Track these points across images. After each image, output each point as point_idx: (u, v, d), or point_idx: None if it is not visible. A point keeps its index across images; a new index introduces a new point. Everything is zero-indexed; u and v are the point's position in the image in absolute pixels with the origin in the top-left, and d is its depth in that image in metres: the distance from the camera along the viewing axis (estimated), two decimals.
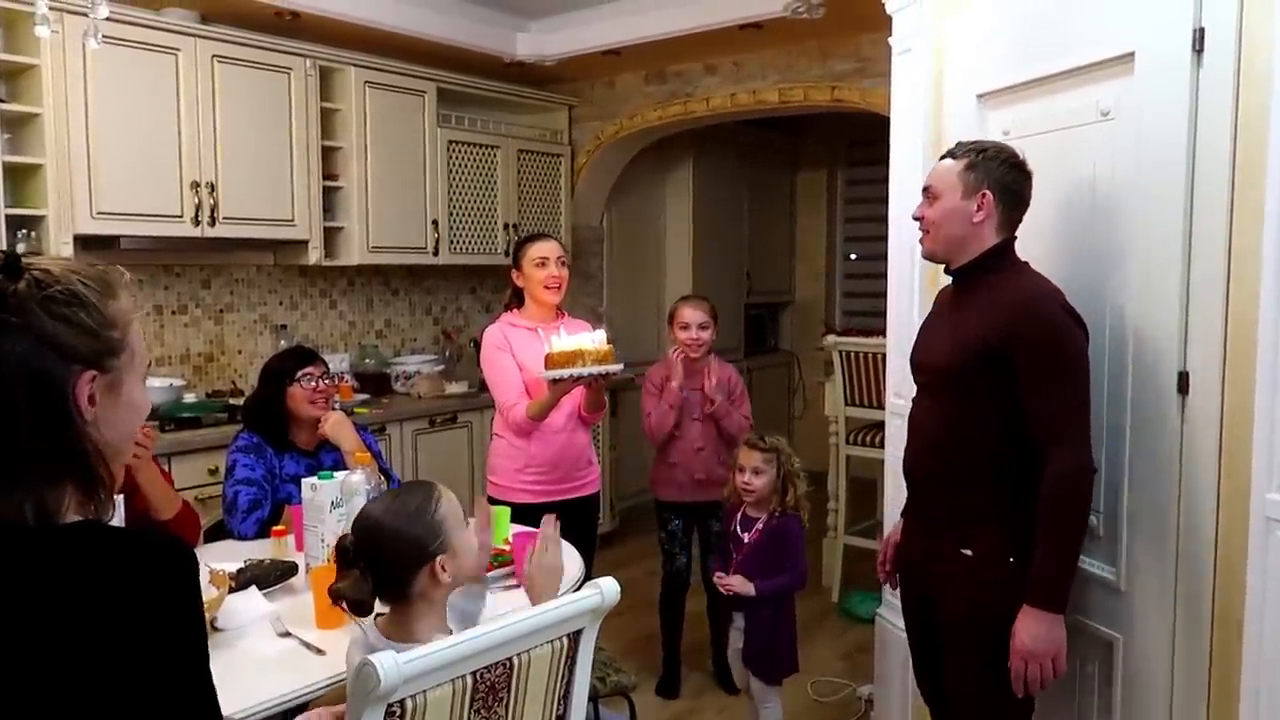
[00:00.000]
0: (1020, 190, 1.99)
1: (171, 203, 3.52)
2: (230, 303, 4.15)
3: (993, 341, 1.90)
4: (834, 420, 4.35)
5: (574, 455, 3.00)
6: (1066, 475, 1.84)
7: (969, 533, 1.94)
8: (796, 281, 6.96)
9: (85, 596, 0.94)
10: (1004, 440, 1.93)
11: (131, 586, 0.96)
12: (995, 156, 1.98)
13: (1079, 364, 1.89)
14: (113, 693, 0.94)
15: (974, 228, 1.97)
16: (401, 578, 1.47)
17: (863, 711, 3.21)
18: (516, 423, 2.91)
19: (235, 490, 2.57)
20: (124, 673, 0.94)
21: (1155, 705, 1.98)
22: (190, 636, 0.98)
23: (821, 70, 4.30)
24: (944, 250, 2.03)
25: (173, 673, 0.97)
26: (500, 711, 1.37)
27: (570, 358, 2.69)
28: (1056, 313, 1.89)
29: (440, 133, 4.47)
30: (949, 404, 2.02)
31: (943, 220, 2.00)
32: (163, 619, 0.96)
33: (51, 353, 0.97)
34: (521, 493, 2.94)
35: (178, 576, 0.98)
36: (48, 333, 0.96)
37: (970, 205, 1.97)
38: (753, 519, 2.79)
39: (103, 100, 3.31)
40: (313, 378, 2.68)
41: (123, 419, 1.05)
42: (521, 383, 2.91)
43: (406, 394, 4.42)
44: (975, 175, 1.97)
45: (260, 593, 2.01)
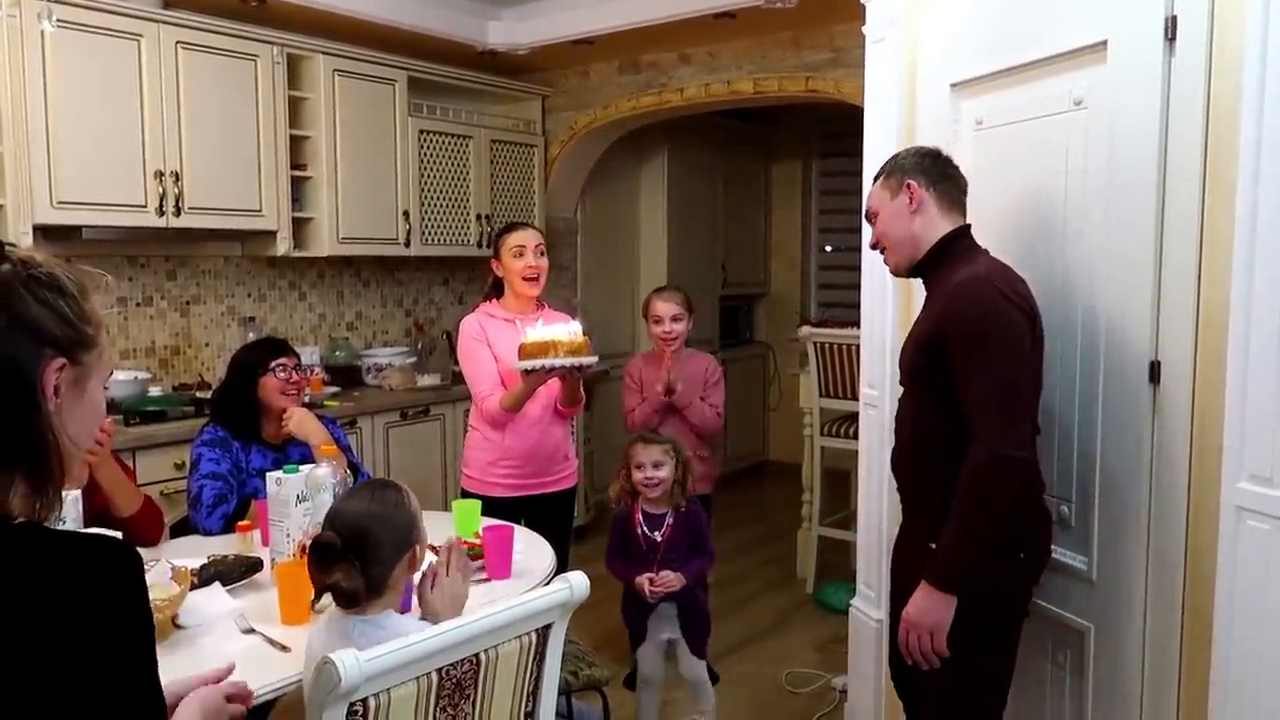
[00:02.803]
0: (942, 169, 2.02)
1: (135, 192, 3.44)
2: (197, 294, 4.08)
3: (932, 333, 1.91)
4: (808, 412, 4.34)
5: (549, 449, 2.96)
6: (979, 464, 1.80)
7: (935, 527, 1.93)
8: (772, 273, 6.95)
9: (25, 601, 0.91)
10: (950, 433, 1.89)
11: (73, 591, 0.93)
12: (906, 154, 2.07)
13: (1007, 347, 1.82)
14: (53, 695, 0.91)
15: (913, 219, 1.99)
16: (386, 567, 1.57)
17: (837, 702, 3.21)
18: (490, 414, 2.88)
19: (200, 485, 2.53)
20: (64, 676, 0.91)
21: (1126, 694, 1.99)
22: (132, 639, 0.96)
23: (795, 60, 4.29)
24: (905, 260, 2.05)
25: (115, 675, 0.94)
26: (467, 709, 1.35)
27: (543, 348, 2.65)
28: (985, 295, 1.84)
29: (411, 122, 4.42)
30: (911, 399, 2.05)
31: (887, 229, 2.05)
32: (104, 622, 0.94)
33: (26, 335, 0.97)
34: (495, 486, 2.90)
35: (120, 579, 0.96)
36: (28, 315, 0.97)
37: (901, 201, 2.00)
38: (657, 516, 2.74)
39: (62, 87, 3.23)
40: (285, 368, 2.64)
41: (82, 417, 1.04)
42: (497, 374, 2.87)
43: (378, 387, 4.37)
44: (894, 176, 2.03)
45: (224, 589, 1.97)
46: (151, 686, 0.97)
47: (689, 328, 3.35)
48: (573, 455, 3.10)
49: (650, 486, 2.70)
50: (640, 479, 2.71)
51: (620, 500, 2.78)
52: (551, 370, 2.70)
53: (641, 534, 2.73)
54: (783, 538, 4.70)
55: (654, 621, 2.77)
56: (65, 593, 0.93)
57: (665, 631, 2.79)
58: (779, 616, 4.07)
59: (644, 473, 2.70)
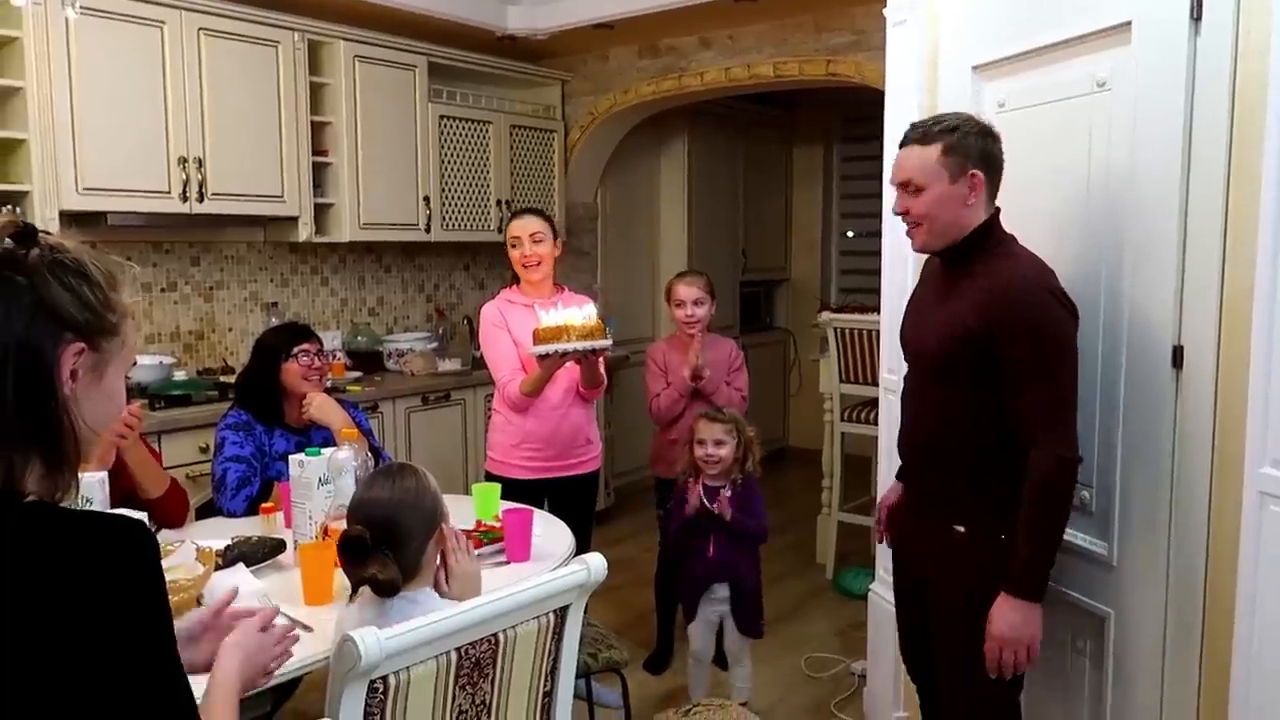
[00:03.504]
0: (999, 156, 1.95)
1: (159, 178, 3.48)
2: (220, 280, 4.12)
3: (973, 327, 1.86)
4: (828, 397, 4.34)
5: (570, 432, 2.99)
6: (1046, 470, 1.82)
7: (961, 510, 1.93)
8: (792, 258, 6.92)
9: (35, 577, 0.93)
10: (992, 424, 1.89)
11: (83, 567, 0.94)
12: (969, 130, 1.91)
13: (1063, 353, 1.84)
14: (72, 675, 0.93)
15: (967, 210, 1.92)
16: (418, 550, 1.60)
17: (855, 687, 3.22)
18: (511, 399, 2.91)
19: (224, 467, 2.56)
20: (77, 653, 0.93)
21: (1147, 680, 1.98)
22: (149, 617, 0.97)
23: (816, 44, 4.26)
24: (941, 240, 1.96)
25: (130, 652, 0.95)
26: (486, 687, 1.36)
27: (556, 333, 2.68)
28: (1042, 300, 1.84)
29: (431, 108, 4.43)
30: (938, 387, 2.00)
31: (935, 211, 1.91)
32: (116, 599, 0.95)
33: (48, 318, 0.98)
34: (517, 468, 2.94)
35: (131, 556, 0.97)
36: (50, 297, 0.98)
37: (961, 189, 1.90)
38: (714, 489, 2.82)
39: (87, 74, 3.26)
40: (308, 353, 2.67)
41: (99, 405, 1.05)
42: (518, 359, 2.90)
43: (399, 372, 4.39)
44: (958, 157, 1.90)
45: (248, 570, 1.99)
46: (169, 663, 0.99)
47: (712, 312, 3.36)
48: (595, 439, 3.12)
49: (710, 463, 2.78)
50: (701, 455, 2.79)
51: (685, 474, 2.87)
52: (565, 355, 2.72)
53: (702, 505, 2.81)
54: (803, 523, 4.70)
55: (705, 600, 2.85)
56: (75, 569, 0.94)
57: (715, 610, 2.83)
58: (798, 602, 4.08)
59: (705, 449, 2.78)
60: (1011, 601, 1.85)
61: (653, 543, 3.52)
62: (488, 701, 1.38)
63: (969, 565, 1.94)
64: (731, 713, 2.17)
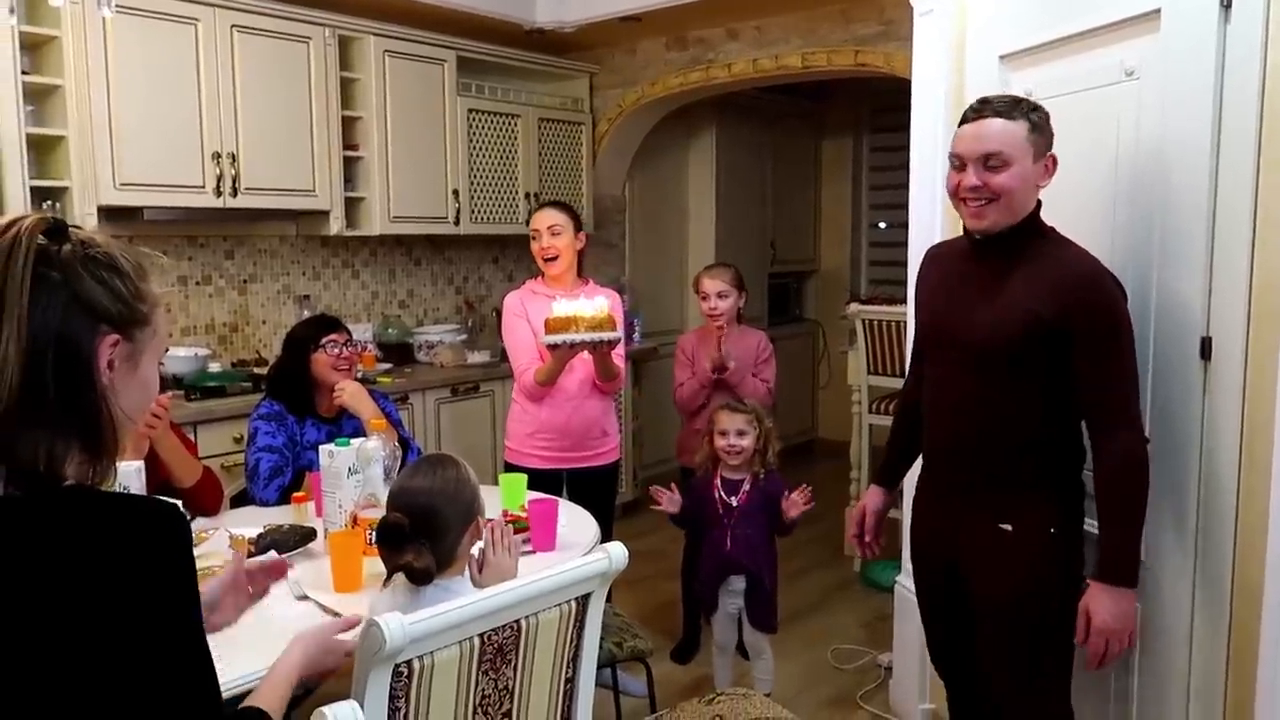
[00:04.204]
0: None
1: (193, 173, 3.54)
2: (254, 273, 4.18)
3: (1045, 316, 1.81)
4: (856, 389, 4.33)
5: (584, 423, 3.01)
6: (1131, 456, 1.81)
7: (1007, 507, 1.91)
8: (821, 250, 6.89)
9: (76, 558, 0.96)
10: (1049, 416, 1.88)
11: (120, 549, 0.98)
12: (1045, 115, 1.89)
13: (1131, 338, 1.85)
14: (102, 648, 0.96)
15: (1034, 192, 1.89)
16: (454, 541, 1.64)
17: (881, 679, 3.22)
18: (526, 388, 2.96)
19: (257, 457, 2.61)
20: (113, 630, 0.96)
21: (1173, 675, 1.97)
22: (178, 595, 1.00)
23: (844, 34, 4.24)
24: (1008, 221, 1.87)
25: (161, 631, 0.99)
26: (509, 673, 1.39)
27: (565, 323, 2.71)
28: (1110, 285, 1.84)
29: (460, 101, 4.46)
30: (988, 379, 1.92)
31: (1016, 187, 1.84)
32: (150, 580, 0.99)
33: (83, 312, 1.01)
34: (533, 458, 2.98)
35: (165, 539, 1.00)
36: (84, 292, 1.01)
37: (1040, 170, 1.87)
38: (734, 481, 2.83)
39: (123, 71, 3.32)
40: (336, 344, 2.71)
41: (134, 393, 1.09)
42: (536, 349, 2.93)
43: (429, 363, 4.44)
44: (1043, 138, 1.87)
45: (279, 557, 2.03)
46: (195, 640, 1.02)
47: (739, 304, 3.36)
48: (613, 431, 3.14)
49: (732, 454, 2.78)
50: (723, 446, 2.78)
51: (703, 466, 2.86)
52: (575, 345, 2.74)
53: (719, 498, 2.81)
54: (831, 515, 4.68)
55: (723, 592, 2.86)
56: (110, 548, 0.98)
57: (734, 602, 2.85)
58: (826, 593, 4.08)
59: (727, 440, 2.78)
60: (1110, 591, 1.81)
61: (679, 534, 3.53)
62: (510, 687, 1.40)
63: (1019, 563, 1.91)
64: (754, 701, 2.18)
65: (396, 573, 1.62)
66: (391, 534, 1.60)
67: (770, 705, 2.18)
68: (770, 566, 2.87)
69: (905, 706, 3.00)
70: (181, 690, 1.01)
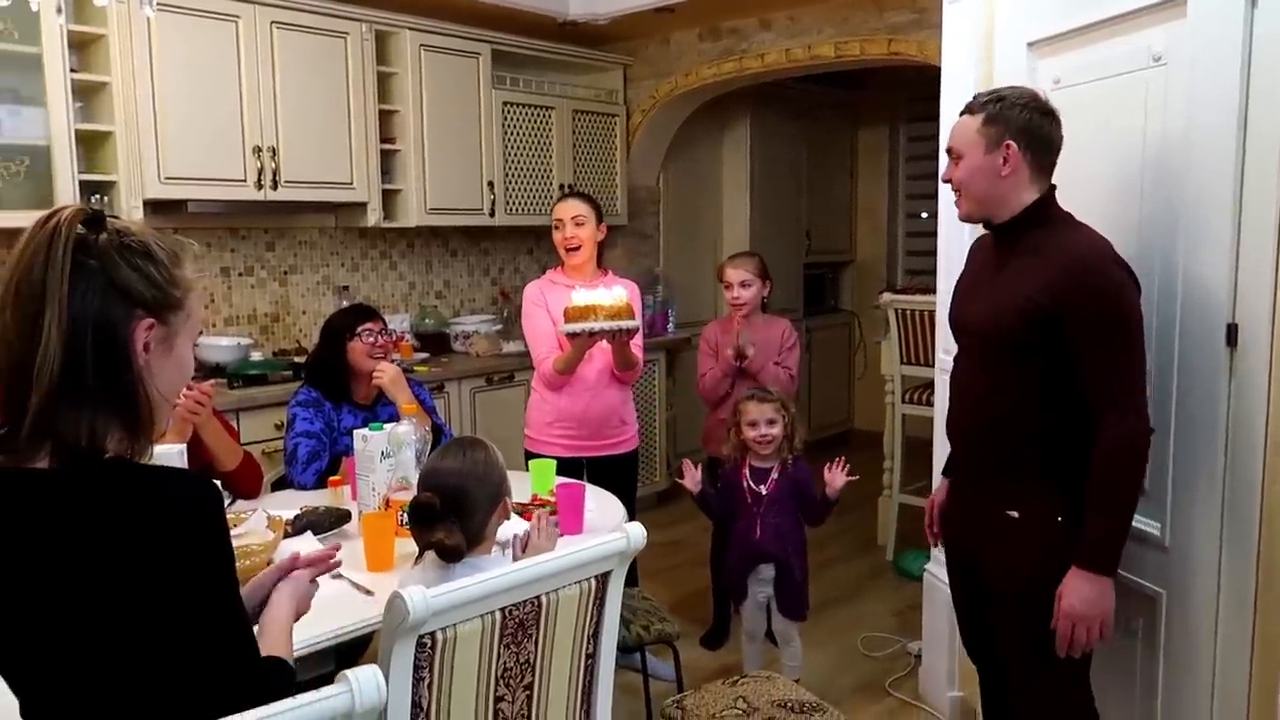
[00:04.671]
0: (1046, 134, 1.90)
1: (235, 167, 3.63)
2: (294, 264, 4.28)
3: (1043, 303, 1.83)
4: (889, 379, 4.32)
5: (602, 412, 3.05)
6: (1121, 442, 1.80)
7: (1014, 494, 1.92)
8: (857, 240, 6.87)
9: (116, 525, 1.03)
10: (1051, 403, 1.88)
11: (158, 517, 1.05)
12: (1015, 103, 1.89)
13: (1134, 324, 1.82)
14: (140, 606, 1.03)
15: (1004, 182, 1.90)
16: (482, 520, 1.69)
17: (911, 666, 3.23)
18: (545, 376, 3.01)
19: (295, 442, 2.68)
20: (150, 589, 1.03)
21: (1198, 660, 1.96)
22: (210, 559, 1.06)
23: (878, 22, 4.22)
24: (980, 210, 1.96)
25: (195, 590, 1.05)
26: (530, 647, 1.43)
27: (584, 312, 2.74)
28: (1110, 271, 1.82)
29: (495, 94, 4.51)
30: (993, 366, 1.96)
31: (969, 180, 1.93)
32: (185, 545, 1.05)
33: (120, 297, 1.08)
34: (552, 445, 3.02)
35: (198, 507, 1.07)
36: (120, 278, 1.08)
37: (995, 160, 1.89)
38: (762, 470, 2.85)
39: (167, 68, 3.41)
40: (372, 333, 2.78)
41: (170, 373, 1.15)
42: (554, 338, 2.97)
43: (465, 353, 4.51)
44: (996, 128, 1.89)
45: (315, 537, 2.10)
46: (228, 600, 1.08)
47: (763, 293, 3.38)
48: (631, 420, 3.17)
49: (763, 444, 2.80)
50: (754, 436, 2.80)
51: (731, 457, 2.89)
52: (594, 334, 2.77)
53: (747, 487, 2.84)
54: (865, 505, 4.69)
55: (753, 580, 2.89)
56: (148, 515, 1.04)
57: (762, 590, 2.88)
58: (858, 582, 4.09)
59: (757, 430, 2.80)
60: (1084, 576, 1.82)
61: (709, 522, 3.57)
62: (532, 661, 1.45)
63: (1025, 550, 1.93)
64: (777, 684, 2.21)
65: (428, 550, 1.67)
66: (423, 513, 1.66)
67: (793, 687, 2.21)
68: (800, 554, 2.89)
69: (934, 694, 3.01)
70: (216, 643, 1.07)
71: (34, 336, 1.04)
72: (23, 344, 1.05)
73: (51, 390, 1.04)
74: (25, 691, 1.11)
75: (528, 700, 1.46)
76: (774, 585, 2.86)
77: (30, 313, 1.05)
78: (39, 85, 3.13)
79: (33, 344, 1.04)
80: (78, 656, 1.04)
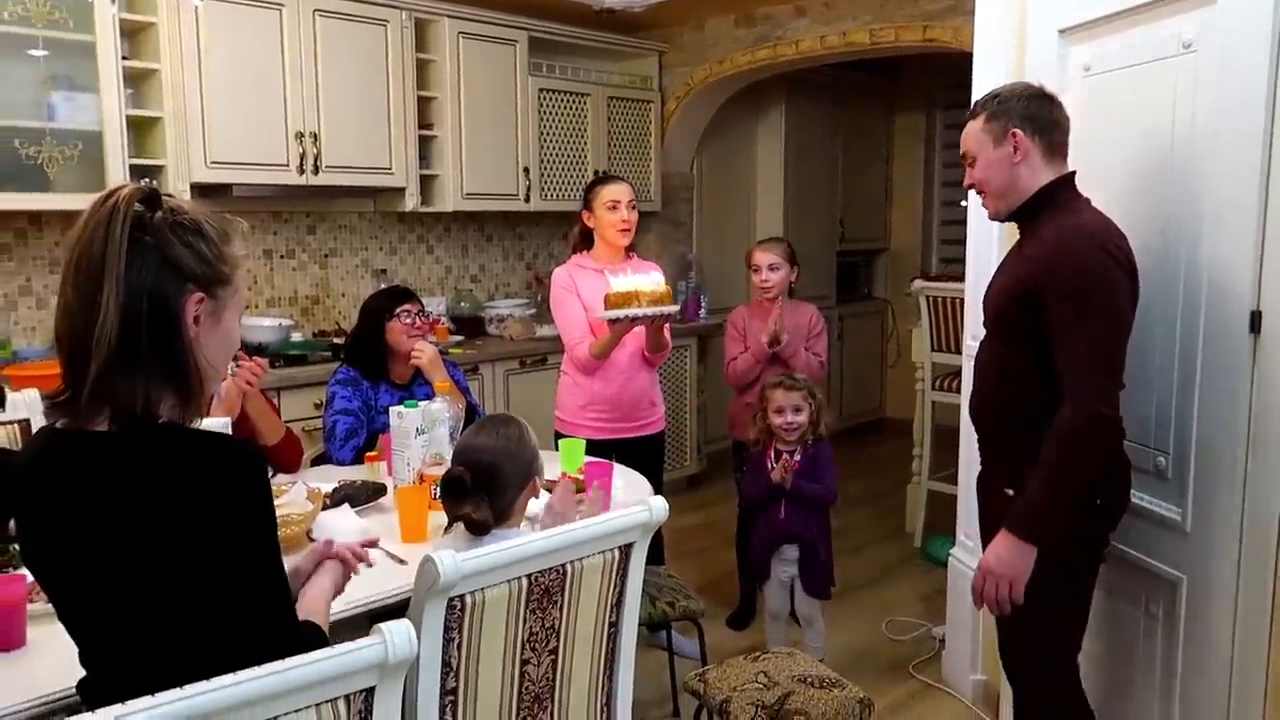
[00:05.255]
0: (1049, 114, 1.96)
1: (278, 152, 3.72)
2: (334, 248, 4.37)
3: (1028, 284, 1.89)
4: (920, 366, 4.33)
5: (635, 395, 3.09)
6: (1076, 428, 1.81)
7: (1012, 473, 1.96)
8: (892, 227, 6.85)
9: (169, 481, 1.11)
10: (1045, 384, 1.90)
11: (208, 476, 1.13)
12: (1010, 94, 1.99)
13: (1108, 307, 1.82)
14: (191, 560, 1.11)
15: (1017, 169, 1.95)
16: (511, 496, 1.74)
17: (935, 650, 3.26)
18: (580, 361, 3.03)
19: (334, 419, 2.77)
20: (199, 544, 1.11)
21: (1218, 645, 1.98)
22: (252, 515, 1.14)
23: (913, 9, 4.22)
24: (1004, 204, 2.01)
25: (238, 541, 1.12)
26: (555, 613, 1.50)
27: (627, 298, 2.76)
28: (1086, 252, 1.83)
29: (531, 81, 4.57)
30: (998, 347, 2.04)
31: (987, 176, 2.00)
32: (233, 502, 1.13)
33: (172, 272, 1.15)
34: (584, 428, 3.05)
35: (245, 470, 1.15)
36: (172, 254, 1.15)
37: (1006, 150, 1.95)
38: (787, 452, 2.89)
39: (214, 55, 3.51)
40: (409, 314, 2.85)
41: (218, 345, 1.22)
42: (586, 323, 3.01)
43: (499, 336, 4.59)
44: (999, 121, 1.96)
45: (352, 509, 2.18)
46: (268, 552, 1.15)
47: (790, 278, 3.39)
48: (659, 401, 3.22)
49: (790, 430, 2.85)
50: (781, 424, 2.85)
51: (759, 442, 2.94)
52: (635, 319, 2.81)
53: (771, 468, 2.89)
54: (895, 493, 4.72)
55: (776, 560, 2.94)
56: (198, 474, 1.12)
57: (786, 570, 2.92)
58: (886, 568, 4.12)
59: (784, 418, 2.85)
60: (1007, 538, 1.87)
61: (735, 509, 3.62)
62: (557, 627, 1.51)
63: None
64: (797, 659, 2.26)
65: (457, 522, 1.74)
66: (453, 487, 1.72)
67: (813, 663, 2.26)
68: (824, 533, 2.94)
69: (956, 677, 3.04)
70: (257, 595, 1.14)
71: (93, 308, 1.11)
72: (83, 315, 1.12)
73: (109, 358, 1.11)
74: (84, 638, 1.19)
75: (552, 664, 1.53)
76: (799, 565, 2.91)
77: (90, 286, 1.12)
78: (92, 72, 3.24)
79: (92, 315, 1.11)
80: (133, 603, 1.11)
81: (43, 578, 1.19)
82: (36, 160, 3.17)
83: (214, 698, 0.96)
